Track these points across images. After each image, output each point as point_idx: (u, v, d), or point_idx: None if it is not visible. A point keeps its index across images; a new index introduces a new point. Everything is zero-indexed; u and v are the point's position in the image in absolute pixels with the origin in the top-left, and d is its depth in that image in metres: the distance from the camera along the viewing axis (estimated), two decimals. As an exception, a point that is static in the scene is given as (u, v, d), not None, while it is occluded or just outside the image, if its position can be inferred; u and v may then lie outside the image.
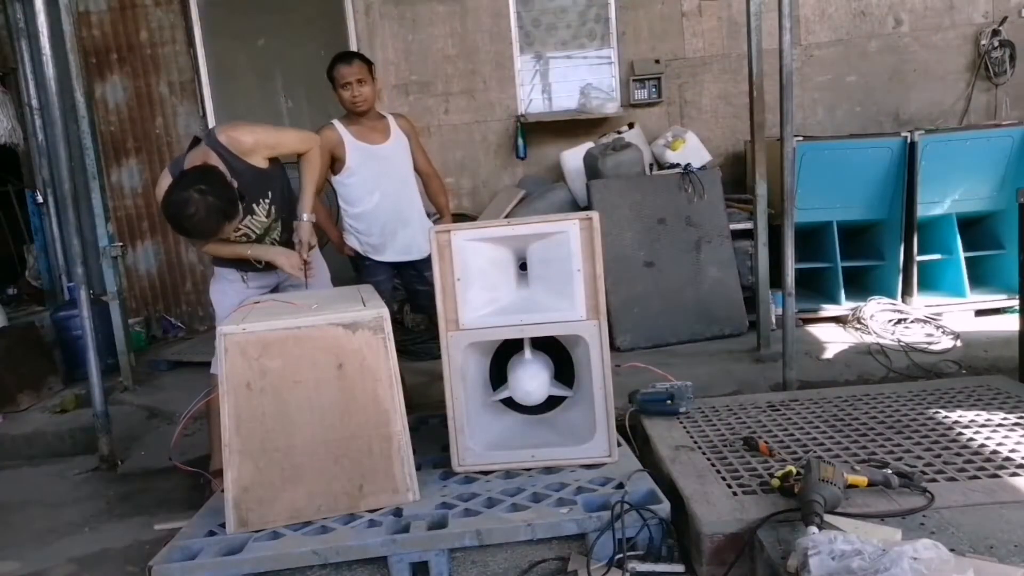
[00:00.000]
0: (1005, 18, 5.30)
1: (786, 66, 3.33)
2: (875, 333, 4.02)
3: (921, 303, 4.33)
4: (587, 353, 2.52)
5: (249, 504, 2.26)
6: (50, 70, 3.47)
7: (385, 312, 2.33)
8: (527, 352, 2.63)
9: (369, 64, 3.40)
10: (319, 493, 2.32)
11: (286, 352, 2.25)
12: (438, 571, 2.17)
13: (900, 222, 4.33)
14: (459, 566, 2.21)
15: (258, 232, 2.87)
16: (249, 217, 2.79)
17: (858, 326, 4.17)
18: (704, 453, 2.50)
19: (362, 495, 2.35)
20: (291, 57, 5.53)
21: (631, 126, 5.18)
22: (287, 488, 2.30)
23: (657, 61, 5.47)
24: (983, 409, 2.72)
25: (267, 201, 2.82)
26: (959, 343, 3.80)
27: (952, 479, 2.17)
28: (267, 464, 2.26)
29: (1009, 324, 3.76)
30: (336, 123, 3.39)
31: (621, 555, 2.12)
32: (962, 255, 4.31)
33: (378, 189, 3.42)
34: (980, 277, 4.39)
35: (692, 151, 4.82)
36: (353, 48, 5.44)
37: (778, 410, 2.89)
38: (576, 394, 2.67)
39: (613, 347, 3.68)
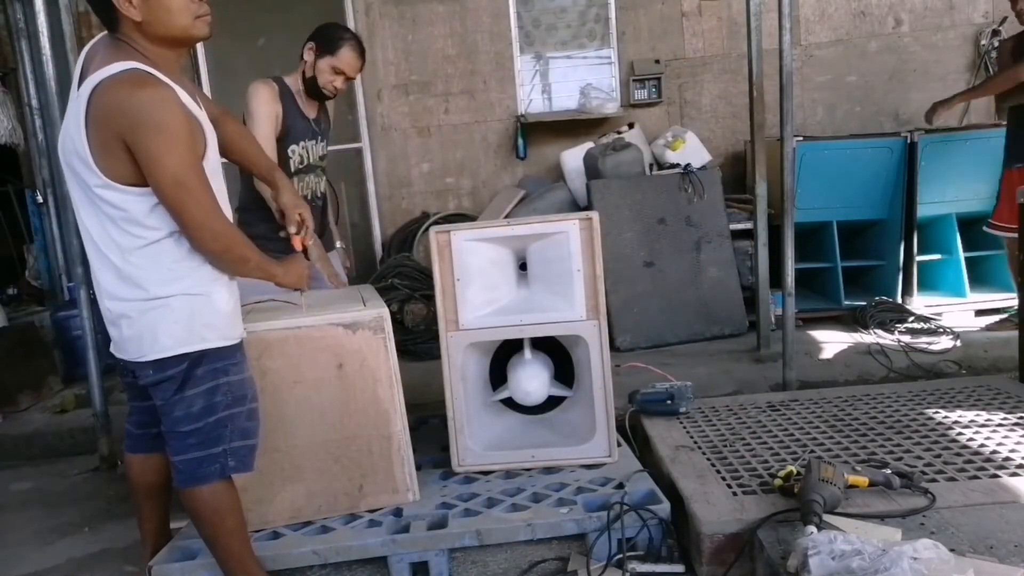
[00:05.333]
0: (1005, 18, 5.29)
1: (786, 66, 3.33)
2: (875, 333, 4.02)
3: (921, 303, 4.33)
4: (587, 353, 2.53)
5: (248, 504, 2.26)
6: (50, 70, 3.47)
7: (385, 312, 2.33)
8: (527, 352, 2.63)
9: None
10: (319, 493, 2.32)
11: (286, 352, 2.25)
12: (438, 571, 2.17)
13: (900, 222, 4.33)
14: (459, 566, 2.21)
15: (308, 162, 2.97)
16: (315, 141, 2.99)
17: (858, 326, 4.17)
18: (704, 453, 2.50)
19: (362, 495, 2.35)
20: (291, 57, 5.47)
21: (631, 126, 5.18)
22: (287, 488, 2.30)
23: (657, 61, 5.47)
24: (983, 409, 2.72)
25: (323, 145, 3.05)
26: (959, 343, 3.80)
27: (952, 479, 2.17)
28: (267, 464, 2.26)
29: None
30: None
31: (621, 555, 2.13)
32: (962, 255, 4.31)
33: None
34: (980, 277, 4.39)
35: (692, 151, 4.82)
36: (353, 48, 5.45)
37: (778, 410, 2.89)
38: (576, 394, 2.67)
39: (613, 347, 3.68)
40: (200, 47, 5.45)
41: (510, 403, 2.70)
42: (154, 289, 1.85)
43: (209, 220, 1.82)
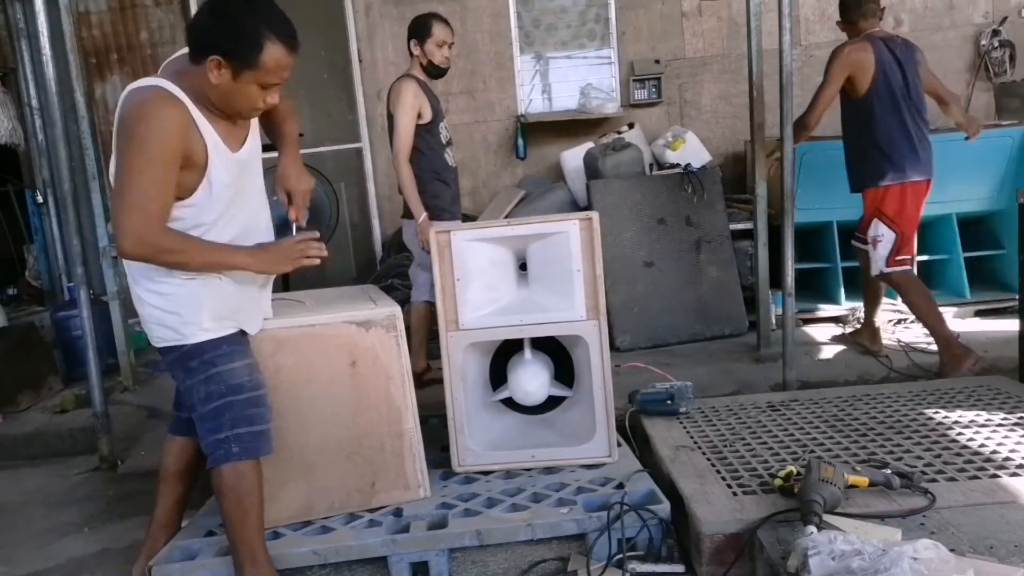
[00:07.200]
0: (1005, 18, 5.30)
1: (786, 66, 3.33)
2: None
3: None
4: (587, 353, 2.53)
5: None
6: (50, 70, 3.47)
7: (398, 310, 2.35)
8: (527, 352, 2.63)
9: None
10: (332, 490, 2.34)
11: (300, 350, 2.26)
12: (438, 571, 2.17)
13: (900, 222, 4.32)
14: (459, 566, 2.22)
15: (450, 135, 3.68)
16: (445, 118, 3.65)
17: (858, 326, 4.16)
18: (704, 453, 2.50)
19: (374, 492, 2.37)
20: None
21: (631, 126, 5.17)
22: (300, 485, 2.31)
23: (657, 61, 5.47)
24: (983, 409, 2.72)
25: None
26: (959, 343, 3.79)
27: (952, 479, 2.17)
28: (280, 461, 2.26)
29: (1009, 324, 3.76)
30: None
31: (621, 555, 2.13)
32: (962, 255, 4.31)
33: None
34: (980, 277, 4.39)
35: (692, 151, 4.81)
36: (353, 48, 5.45)
37: (778, 410, 2.89)
38: (576, 394, 2.67)
39: (613, 347, 3.68)
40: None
41: (510, 403, 2.70)
42: (144, 283, 2.05)
43: (136, 225, 1.85)
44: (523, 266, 2.65)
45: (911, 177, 3.48)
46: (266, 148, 2.21)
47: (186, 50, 2.00)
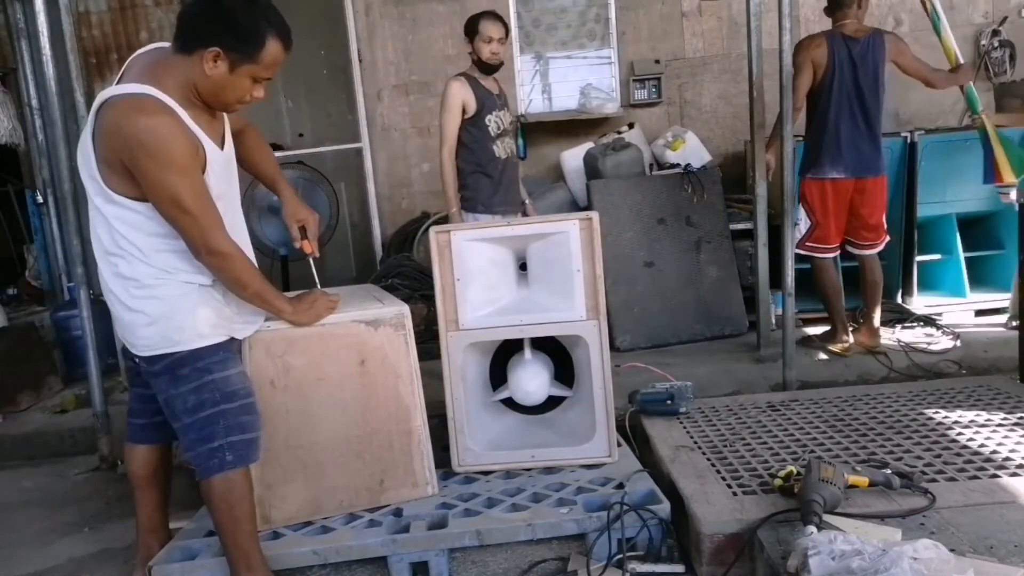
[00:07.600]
0: (1005, 18, 5.29)
1: (786, 66, 3.33)
2: (875, 333, 4.01)
3: (921, 303, 4.33)
4: (587, 353, 2.53)
5: (272, 501, 2.28)
6: (50, 70, 3.47)
7: (406, 309, 2.37)
8: (527, 352, 2.63)
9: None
10: (341, 488, 2.35)
11: (310, 349, 2.27)
12: (438, 571, 2.17)
13: (900, 222, 4.33)
14: (459, 566, 2.22)
15: (503, 127, 3.61)
16: (503, 111, 3.63)
17: (858, 326, 4.16)
18: (704, 453, 2.50)
19: (383, 489, 2.38)
20: (291, 57, 5.53)
21: (631, 126, 5.17)
22: (309, 484, 2.32)
23: (657, 61, 5.47)
24: (983, 409, 2.72)
25: (507, 111, 3.68)
26: (959, 343, 3.80)
27: (952, 479, 2.17)
28: (290, 461, 2.28)
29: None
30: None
31: (621, 555, 2.13)
32: (962, 255, 4.31)
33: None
34: (980, 277, 4.39)
35: (692, 151, 4.82)
36: (353, 48, 5.45)
37: (778, 410, 2.89)
38: (576, 394, 2.67)
39: (613, 347, 3.68)
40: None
41: (510, 403, 2.70)
42: (132, 289, 1.99)
43: (204, 237, 1.92)
44: (523, 266, 2.65)
45: (828, 174, 3.67)
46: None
47: (151, 46, 2.01)
